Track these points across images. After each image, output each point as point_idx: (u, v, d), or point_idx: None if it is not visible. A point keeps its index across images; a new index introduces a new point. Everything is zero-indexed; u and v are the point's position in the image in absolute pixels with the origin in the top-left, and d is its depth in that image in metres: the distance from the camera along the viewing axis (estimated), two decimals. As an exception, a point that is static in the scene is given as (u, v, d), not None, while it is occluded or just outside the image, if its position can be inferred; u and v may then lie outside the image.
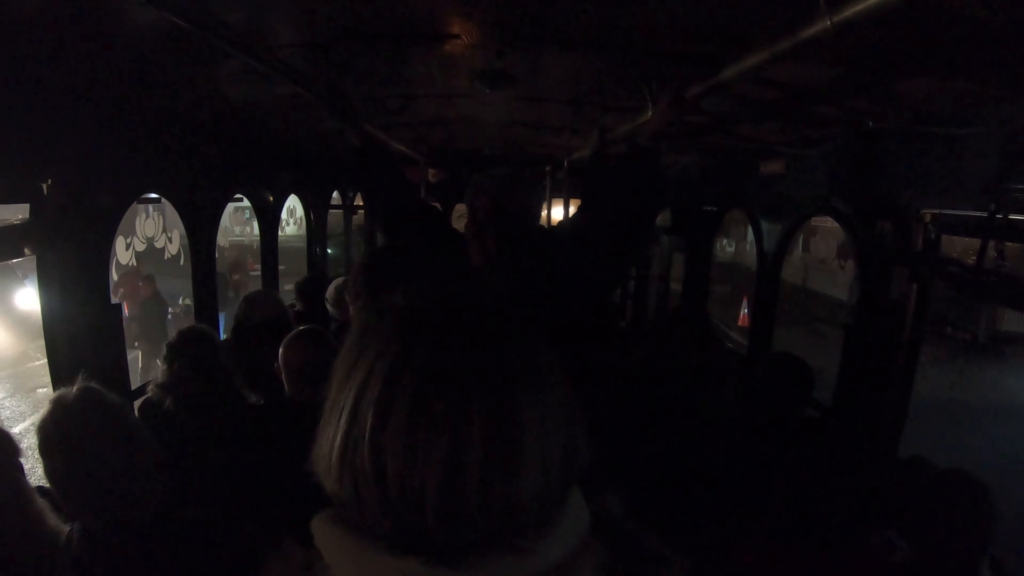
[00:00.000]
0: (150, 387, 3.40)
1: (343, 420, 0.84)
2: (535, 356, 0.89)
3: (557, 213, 8.41)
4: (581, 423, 0.91)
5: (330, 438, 0.86)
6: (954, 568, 2.28)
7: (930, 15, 1.72)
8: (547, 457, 0.84)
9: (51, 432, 1.97)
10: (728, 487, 2.83)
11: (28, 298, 13.04)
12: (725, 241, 24.43)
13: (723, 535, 2.29)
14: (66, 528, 2.05)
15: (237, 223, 27.53)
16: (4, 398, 10.33)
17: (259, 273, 6.55)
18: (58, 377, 3.15)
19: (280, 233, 6.68)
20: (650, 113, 2.82)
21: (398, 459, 0.80)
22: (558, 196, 7.83)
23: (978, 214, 2.79)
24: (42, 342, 3.20)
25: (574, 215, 3.10)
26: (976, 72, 2.17)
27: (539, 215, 2.92)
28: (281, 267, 6.62)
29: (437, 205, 6.08)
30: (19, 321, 14.17)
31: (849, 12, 1.48)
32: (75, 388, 2.07)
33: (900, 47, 2.04)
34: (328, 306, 5.26)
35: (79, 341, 3.19)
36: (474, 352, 0.85)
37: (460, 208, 7.91)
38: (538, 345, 0.91)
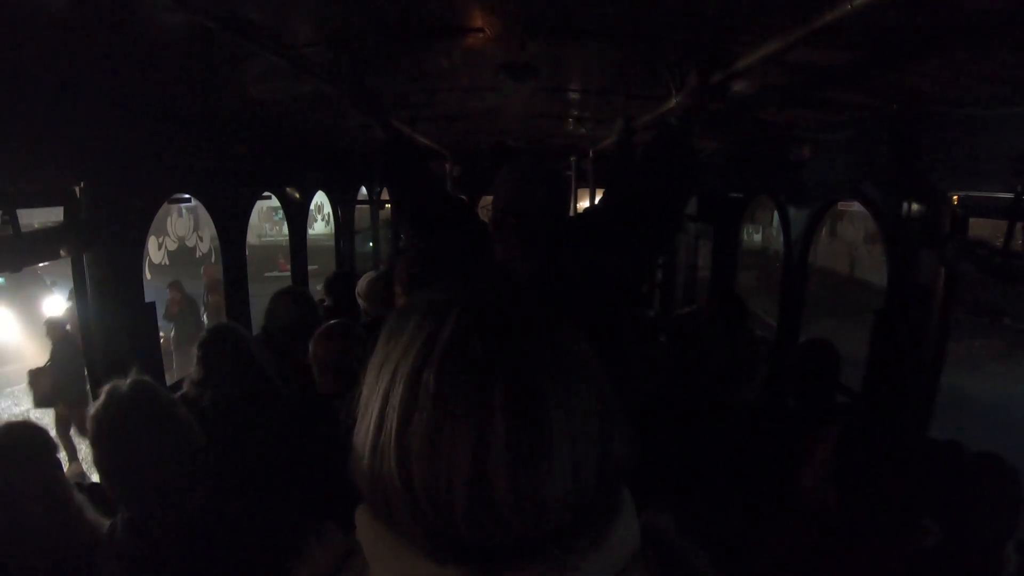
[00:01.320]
0: (185, 383, 3.45)
1: (372, 423, 0.82)
2: (564, 346, 0.85)
3: (583, 204, 8.39)
4: (621, 421, 0.87)
5: (361, 441, 0.84)
6: (982, 552, 2.27)
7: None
8: (578, 453, 0.80)
9: (103, 422, 2.01)
10: (761, 478, 2.83)
11: (56, 304, 12.84)
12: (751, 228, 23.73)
13: (759, 527, 2.30)
14: (107, 522, 2.09)
15: (266, 220, 27.53)
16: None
17: (288, 272, 6.59)
18: (94, 377, 3.22)
19: (309, 231, 6.72)
20: (674, 101, 2.81)
21: (423, 460, 0.77)
22: (584, 186, 7.82)
23: (1006, 195, 2.76)
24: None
25: (600, 203, 3.10)
26: (1001, 52, 2.15)
27: (565, 206, 2.91)
28: (313, 266, 6.63)
29: (463, 198, 6.10)
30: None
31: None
32: (128, 380, 2.11)
33: (923, 28, 2.02)
34: (360, 300, 5.27)
35: (115, 341, 3.26)
36: (495, 342, 0.81)
37: (485, 200, 7.94)
38: (569, 336, 0.87)
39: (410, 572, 0.80)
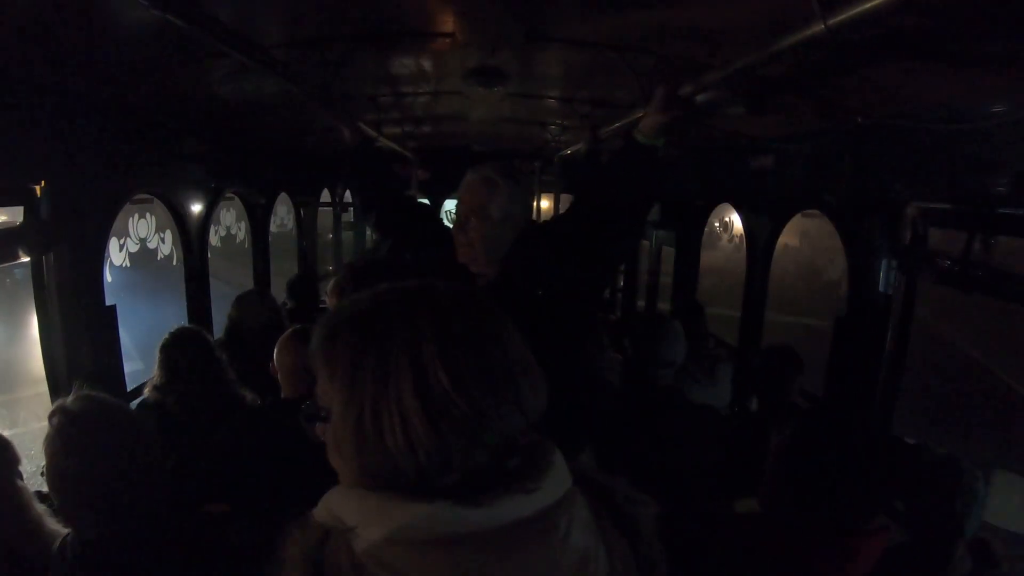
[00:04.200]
0: (147, 388, 3.40)
1: (368, 399, 0.96)
2: (505, 321, 1.06)
3: (545, 205, 8.44)
4: (544, 381, 1.06)
5: (358, 408, 0.97)
6: (937, 551, 2.32)
7: (922, 13, 1.75)
8: (530, 400, 1.02)
9: (54, 441, 1.95)
10: (721, 474, 2.86)
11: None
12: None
13: (718, 527, 2.32)
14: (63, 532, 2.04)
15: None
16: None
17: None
18: (54, 381, 3.15)
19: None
20: (642, 111, 2.83)
21: (424, 420, 0.93)
22: (548, 191, 7.85)
23: (965, 208, 2.83)
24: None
25: (566, 211, 3.11)
26: (964, 68, 2.19)
27: (527, 210, 2.92)
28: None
29: (427, 202, 6.10)
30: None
31: (843, 16, 1.50)
32: (72, 396, 2.04)
33: (889, 43, 2.06)
34: (328, 300, 5.25)
35: (75, 344, 3.19)
36: (474, 313, 1.04)
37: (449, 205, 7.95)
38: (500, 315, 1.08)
39: (400, 516, 0.93)
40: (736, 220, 4.20)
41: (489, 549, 0.92)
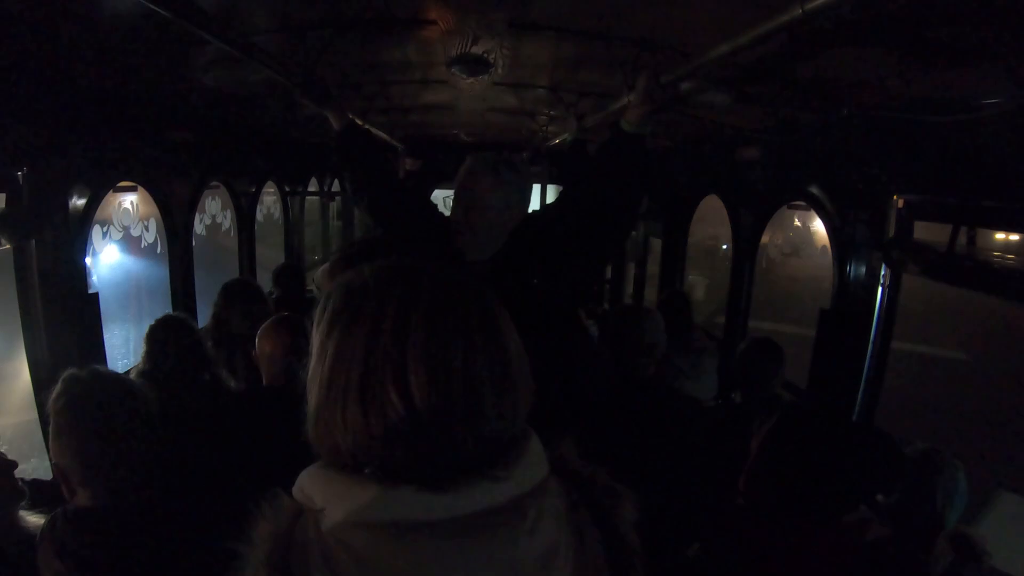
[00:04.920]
0: (132, 375, 3.38)
1: (353, 377, 0.95)
2: (498, 309, 1.04)
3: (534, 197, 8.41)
4: (527, 371, 1.05)
5: (340, 390, 0.96)
6: (917, 544, 2.34)
7: (903, 2, 1.74)
8: (507, 392, 1.00)
9: (64, 407, 1.94)
10: (705, 470, 2.86)
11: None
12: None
13: (702, 519, 2.32)
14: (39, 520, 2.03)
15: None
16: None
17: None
18: (37, 368, 3.13)
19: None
20: (628, 99, 2.82)
21: (421, 387, 0.93)
22: (536, 181, 7.83)
23: (951, 200, 2.84)
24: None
25: (556, 202, 3.11)
26: (950, 59, 2.19)
27: (526, 201, 2.91)
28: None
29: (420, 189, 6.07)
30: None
31: (820, 1, 1.51)
32: (84, 369, 2.04)
33: (875, 32, 2.06)
34: (315, 289, 5.23)
35: (57, 331, 3.17)
36: (468, 298, 1.01)
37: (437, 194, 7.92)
38: (495, 301, 1.05)
39: (361, 498, 0.92)
40: (818, 224, 4.09)
41: (449, 537, 0.92)
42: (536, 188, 7.85)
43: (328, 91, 3.01)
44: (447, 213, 2.96)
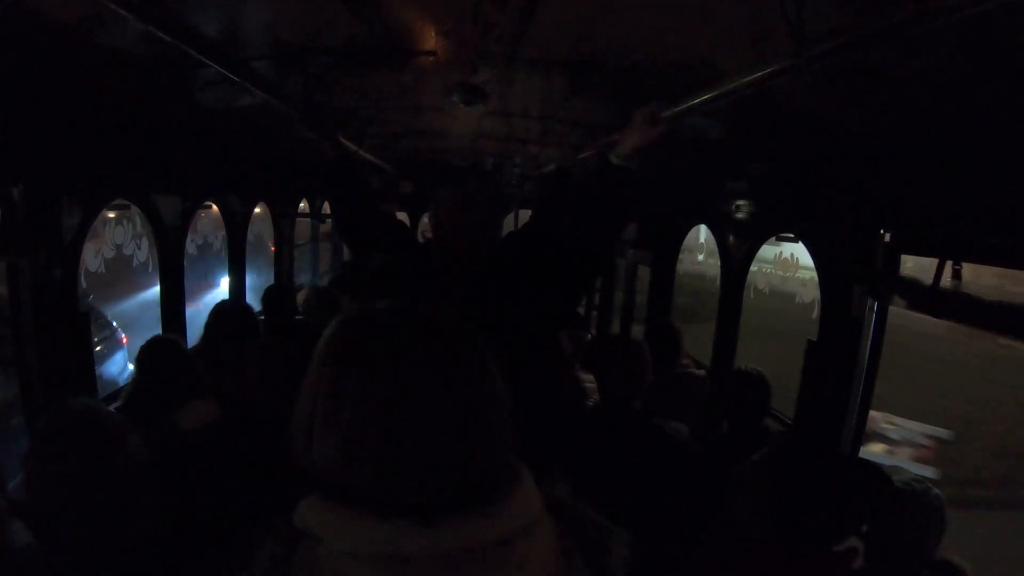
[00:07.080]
0: (122, 396, 3.37)
1: (347, 417, 0.98)
2: (475, 352, 1.06)
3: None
4: (511, 409, 1.07)
5: (323, 430, 1.00)
6: (902, 572, 2.35)
7: (892, 48, 1.78)
8: (495, 428, 1.03)
9: (40, 452, 1.90)
10: (694, 504, 2.87)
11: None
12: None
13: (691, 552, 2.33)
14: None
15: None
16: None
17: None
18: (27, 386, 3.11)
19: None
20: (619, 134, 2.84)
21: (387, 437, 0.96)
22: (526, 207, 7.87)
23: (936, 235, 2.87)
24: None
25: (531, 226, 3.14)
26: (937, 93, 2.23)
27: (498, 229, 2.94)
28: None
29: (404, 215, 6.10)
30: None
31: (818, 49, 1.54)
32: (69, 409, 1.98)
33: (865, 71, 2.10)
34: (304, 313, 5.23)
35: (48, 350, 3.15)
36: (447, 342, 1.04)
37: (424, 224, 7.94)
38: (477, 343, 1.08)
39: (361, 531, 0.95)
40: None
41: (439, 571, 0.95)
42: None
43: (323, 117, 3.04)
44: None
